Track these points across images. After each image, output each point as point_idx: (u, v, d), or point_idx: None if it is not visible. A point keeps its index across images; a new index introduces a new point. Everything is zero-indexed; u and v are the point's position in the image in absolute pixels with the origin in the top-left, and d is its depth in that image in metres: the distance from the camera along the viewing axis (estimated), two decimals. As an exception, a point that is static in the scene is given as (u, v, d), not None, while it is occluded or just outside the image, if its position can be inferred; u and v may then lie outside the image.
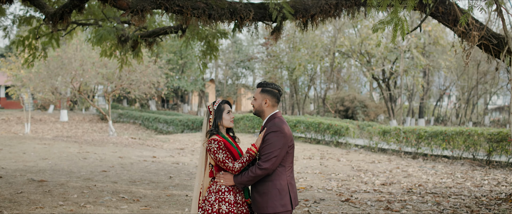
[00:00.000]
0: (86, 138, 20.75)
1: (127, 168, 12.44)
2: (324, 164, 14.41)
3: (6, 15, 10.27)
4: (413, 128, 17.87)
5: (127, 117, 37.07)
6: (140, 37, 8.63)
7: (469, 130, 15.73)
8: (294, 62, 32.31)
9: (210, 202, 4.38)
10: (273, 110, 4.46)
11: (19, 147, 16.00)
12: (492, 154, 15.06)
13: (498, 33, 7.96)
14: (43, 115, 38.46)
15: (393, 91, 31.69)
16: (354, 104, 35.43)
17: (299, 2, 7.80)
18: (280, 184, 4.33)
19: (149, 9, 6.40)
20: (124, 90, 23.54)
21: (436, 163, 15.45)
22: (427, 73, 34.92)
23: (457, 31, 7.83)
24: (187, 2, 6.69)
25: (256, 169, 4.22)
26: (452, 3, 7.95)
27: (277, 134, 4.25)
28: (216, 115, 4.44)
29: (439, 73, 41.03)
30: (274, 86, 4.49)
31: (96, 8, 10.16)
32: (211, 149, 4.33)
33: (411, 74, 29.26)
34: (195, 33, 10.73)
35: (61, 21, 7.05)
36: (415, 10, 8.16)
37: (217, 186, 4.41)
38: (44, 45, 10.68)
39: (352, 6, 8.23)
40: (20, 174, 10.61)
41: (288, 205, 4.33)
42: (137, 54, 10.87)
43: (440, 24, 28.53)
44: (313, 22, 7.92)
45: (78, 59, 21.33)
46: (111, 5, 6.22)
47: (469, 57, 7.84)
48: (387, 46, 28.07)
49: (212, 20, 6.94)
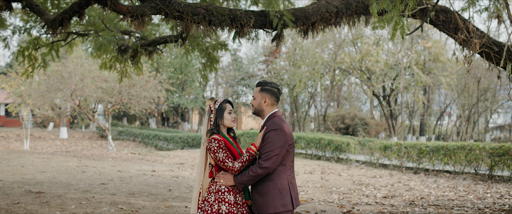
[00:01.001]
0: (85, 153, 20.62)
1: (126, 181, 12.31)
2: (325, 178, 14.28)
3: (7, 27, 10.27)
4: (414, 143, 17.76)
5: (127, 134, 36.94)
6: (140, 46, 8.60)
7: (470, 145, 15.62)
8: (295, 79, 32.32)
9: (210, 202, 4.29)
10: (272, 108, 4.39)
11: (17, 160, 15.89)
12: (494, 168, 14.93)
13: (499, 41, 7.93)
14: (43, 132, 38.33)
15: (393, 108, 31.63)
16: (354, 122, 35.32)
17: (300, 10, 7.79)
18: (281, 184, 4.24)
19: (149, 14, 6.37)
20: (124, 105, 23.48)
21: (438, 177, 15.30)
22: (428, 91, 34.90)
23: (458, 39, 7.80)
24: (187, 8, 6.67)
25: (256, 168, 4.14)
26: (453, 11, 7.94)
27: (277, 132, 4.17)
28: (217, 114, 4.38)
29: (439, 92, 41.03)
30: (273, 85, 4.43)
31: (97, 19, 10.16)
32: (211, 148, 4.25)
33: (411, 91, 29.22)
34: (195, 45, 10.72)
35: (60, 28, 7.02)
36: (415, 18, 8.15)
37: (217, 186, 4.32)
38: (43, 56, 10.65)
39: (352, 15, 8.22)
40: (17, 185, 10.49)
41: (289, 204, 4.24)
42: (137, 65, 10.84)
43: (441, 41, 28.62)
44: (313, 30, 7.89)
45: (79, 74, 21.32)
46: (111, 9, 6.20)
47: (470, 65, 7.80)
48: (387, 63, 28.09)
49: (212, 26, 6.90)
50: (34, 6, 7.37)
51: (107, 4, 6.07)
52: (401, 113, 32.48)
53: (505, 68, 7.72)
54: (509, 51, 7.61)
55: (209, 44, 11.07)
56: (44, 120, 43.69)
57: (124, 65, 11.49)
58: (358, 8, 8.14)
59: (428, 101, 35.75)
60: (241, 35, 7.57)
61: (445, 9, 8.04)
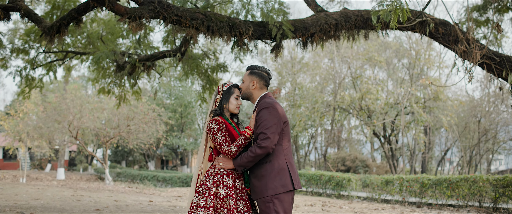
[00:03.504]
0: (82, 186, 20.26)
1: (122, 208, 11.99)
2: (326, 210, 13.94)
3: (5, 47, 10.27)
4: (417, 176, 17.46)
5: (125, 175, 36.52)
6: (138, 61, 8.55)
7: (474, 176, 15.34)
8: (295, 119, 32.24)
9: (208, 185, 4.12)
10: (261, 92, 4.28)
11: (11, 190, 15.59)
12: (499, 201, 14.59)
13: (500, 52, 7.88)
14: (40, 173, 37.88)
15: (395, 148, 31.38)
16: (355, 164, 34.98)
17: (299, 21, 7.78)
18: (279, 164, 4.06)
19: (148, 16, 6.34)
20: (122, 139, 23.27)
21: (442, 211, 14.93)
22: (429, 132, 34.74)
23: (458, 51, 7.75)
24: (186, 12, 6.64)
25: (255, 148, 3.98)
26: (453, 24, 7.93)
27: (270, 110, 4.05)
28: (224, 96, 4.29)
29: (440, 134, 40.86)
30: (262, 68, 4.35)
31: (95, 38, 10.17)
32: (211, 129, 4.13)
33: (412, 131, 29.06)
34: (194, 66, 10.68)
35: (58, 35, 6.98)
36: (415, 31, 8.13)
37: (216, 169, 4.17)
38: (41, 77, 10.60)
39: (352, 28, 8.21)
40: (9, 209, 10.20)
41: (289, 184, 4.04)
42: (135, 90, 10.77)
43: (440, 79, 28.71)
44: (313, 41, 7.86)
45: (77, 105, 21.24)
46: (109, 9, 6.17)
47: (472, 79, 7.72)
48: (388, 101, 28.08)
49: (210, 32, 6.86)
50: (32, 15, 7.36)
51: (105, 4, 6.05)
52: (402, 154, 32.19)
53: (507, 79, 7.63)
54: (510, 61, 7.54)
55: (208, 66, 11.05)
56: (42, 162, 43.30)
57: (122, 90, 11.44)
58: (357, 22, 8.14)
59: (429, 143, 35.53)
60: (240, 44, 7.52)
61: (444, 22, 8.04)
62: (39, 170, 42.89)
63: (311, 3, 8.41)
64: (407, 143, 36.08)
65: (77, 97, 21.65)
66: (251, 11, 9.59)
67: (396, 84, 30.54)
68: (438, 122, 32.34)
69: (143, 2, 6.44)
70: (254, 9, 9.68)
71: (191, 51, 10.62)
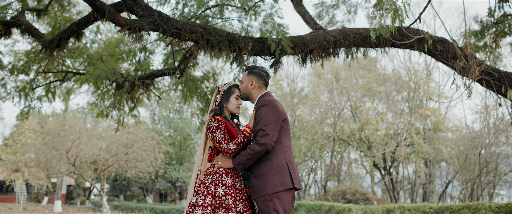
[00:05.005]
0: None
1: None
2: (326, 237, 13.70)
3: (5, 67, 10.31)
4: (418, 205, 17.25)
5: (122, 208, 36.10)
6: (137, 79, 8.56)
7: (476, 204, 15.15)
8: (294, 150, 32.10)
9: (206, 184, 4.04)
10: (260, 91, 4.25)
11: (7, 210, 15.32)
12: (502, 228, 14.38)
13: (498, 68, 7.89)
14: (37, 206, 37.45)
15: (395, 179, 31.13)
16: (356, 197, 34.64)
17: (298, 38, 7.83)
18: (278, 162, 3.99)
19: (148, 29, 6.37)
20: (120, 167, 23.07)
21: (444, 238, 14.70)
22: (429, 165, 34.55)
23: (457, 67, 7.77)
24: (185, 25, 6.69)
25: (254, 146, 3.92)
26: (452, 41, 7.98)
27: (268, 107, 4.01)
28: (224, 96, 4.27)
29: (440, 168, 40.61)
30: (261, 68, 4.34)
31: (95, 60, 10.21)
32: (210, 127, 4.09)
33: (413, 161, 28.89)
34: (193, 88, 10.69)
35: (58, 49, 7.01)
36: (413, 49, 8.17)
37: (215, 168, 4.10)
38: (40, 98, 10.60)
39: (350, 46, 8.25)
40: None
41: (288, 183, 3.95)
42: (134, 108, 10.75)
43: (439, 109, 28.71)
44: (312, 57, 7.89)
45: (76, 132, 21.14)
46: (109, 20, 6.20)
47: (471, 94, 7.71)
48: (388, 132, 28.01)
49: (210, 46, 6.88)
50: (32, 30, 7.41)
51: (105, 15, 6.09)
52: (402, 187, 31.91)
53: (506, 95, 7.62)
54: (509, 77, 7.55)
55: (208, 89, 11.06)
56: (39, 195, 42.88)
57: (120, 114, 11.42)
58: (355, 40, 8.18)
59: (430, 175, 35.30)
60: (239, 60, 7.55)
61: (442, 39, 8.09)
62: (35, 203, 42.46)
63: (309, 21, 8.49)
64: (408, 175, 35.83)
65: (76, 124, 21.60)
66: (250, 33, 9.69)
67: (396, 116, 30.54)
68: (439, 154, 32.21)
69: (143, 15, 6.49)
70: (254, 31, 9.78)
71: (190, 73, 10.66)
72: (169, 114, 39.48)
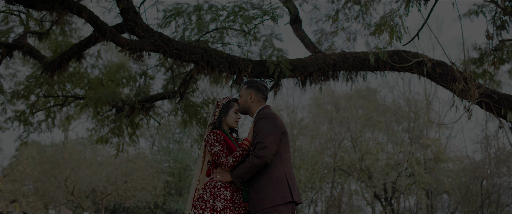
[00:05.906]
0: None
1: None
2: None
3: (6, 92, 10.34)
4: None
5: (121, 240, 35.69)
6: (137, 103, 8.57)
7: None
8: (294, 181, 31.89)
9: (204, 198, 4.00)
10: (260, 105, 4.23)
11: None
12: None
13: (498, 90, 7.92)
14: (33, 238, 36.95)
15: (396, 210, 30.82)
16: (357, 229, 34.30)
17: (297, 61, 7.89)
18: (277, 175, 3.95)
19: (148, 49, 6.42)
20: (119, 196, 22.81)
21: None
22: (431, 197, 34.25)
23: (456, 90, 7.79)
24: (186, 46, 6.74)
25: (253, 158, 3.89)
26: (451, 65, 8.02)
27: (267, 120, 3.99)
28: (223, 110, 4.25)
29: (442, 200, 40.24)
30: (260, 82, 4.33)
31: (96, 84, 10.24)
32: (209, 140, 4.06)
33: (414, 192, 28.66)
34: (193, 113, 10.70)
35: (58, 70, 7.04)
36: (412, 72, 8.22)
37: (213, 182, 4.06)
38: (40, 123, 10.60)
39: (350, 69, 8.29)
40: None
41: (287, 196, 3.90)
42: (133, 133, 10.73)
43: (440, 139, 28.67)
44: (311, 80, 7.92)
45: (75, 160, 21.00)
46: (110, 40, 6.25)
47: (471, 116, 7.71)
48: (388, 162, 27.88)
49: (210, 67, 6.92)
50: (34, 52, 7.47)
51: (106, 36, 6.14)
52: (404, 219, 31.56)
53: (506, 117, 7.62)
54: (508, 99, 7.56)
55: (207, 115, 11.06)
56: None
57: (119, 140, 11.40)
58: (355, 63, 8.23)
59: (432, 207, 34.95)
60: (239, 82, 7.58)
61: (441, 62, 8.14)
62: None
63: (309, 45, 8.56)
64: (409, 207, 35.48)
65: (75, 151, 21.49)
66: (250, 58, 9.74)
67: (396, 147, 30.45)
68: (440, 185, 31.97)
69: (144, 36, 6.55)
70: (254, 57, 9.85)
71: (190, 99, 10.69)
72: (169, 144, 39.34)
